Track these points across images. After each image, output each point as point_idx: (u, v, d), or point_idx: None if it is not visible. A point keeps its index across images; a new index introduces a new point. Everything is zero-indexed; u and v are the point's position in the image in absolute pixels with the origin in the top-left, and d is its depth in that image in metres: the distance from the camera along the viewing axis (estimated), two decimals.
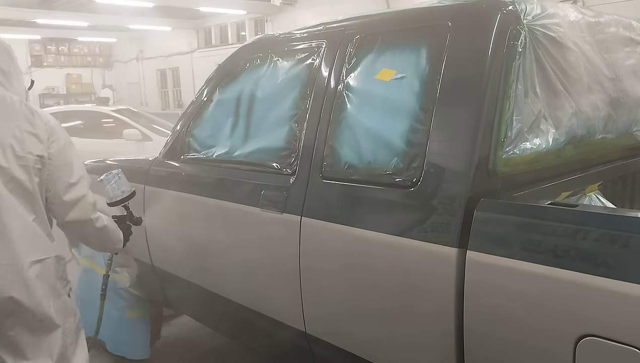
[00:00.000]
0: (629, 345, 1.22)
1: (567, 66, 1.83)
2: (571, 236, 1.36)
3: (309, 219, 1.97)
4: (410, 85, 1.80)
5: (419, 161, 1.69)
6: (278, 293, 2.16)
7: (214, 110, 2.63)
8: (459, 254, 1.53)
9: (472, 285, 1.51)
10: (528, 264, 1.39)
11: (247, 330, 2.48)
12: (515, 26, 1.67)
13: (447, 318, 1.57)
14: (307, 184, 2.01)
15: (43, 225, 1.83)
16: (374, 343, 1.85)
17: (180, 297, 2.88)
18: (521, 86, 1.68)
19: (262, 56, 2.44)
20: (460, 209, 1.55)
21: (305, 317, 2.03)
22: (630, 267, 1.23)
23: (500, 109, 1.62)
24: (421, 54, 1.79)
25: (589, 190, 1.90)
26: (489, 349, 1.52)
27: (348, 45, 2.03)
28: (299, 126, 2.11)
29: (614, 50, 2.13)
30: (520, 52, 1.67)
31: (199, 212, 2.49)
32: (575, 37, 1.89)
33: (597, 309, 1.28)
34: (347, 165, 1.90)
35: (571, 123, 1.85)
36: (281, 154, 2.16)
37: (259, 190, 2.17)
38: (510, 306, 1.45)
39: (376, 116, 1.88)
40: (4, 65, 1.88)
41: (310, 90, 2.11)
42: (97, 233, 2.03)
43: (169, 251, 2.69)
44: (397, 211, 1.74)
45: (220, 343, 3.40)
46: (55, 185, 1.85)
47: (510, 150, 1.65)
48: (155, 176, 2.80)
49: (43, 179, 1.81)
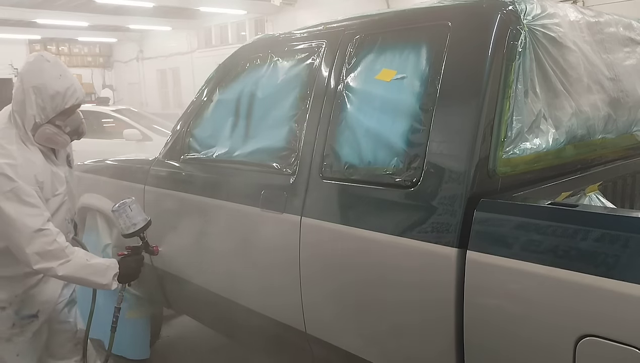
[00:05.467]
0: (629, 345, 1.22)
1: (567, 66, 1.83)
2: (571, 236, 1.36)
3: (309, 219, 1.97)
4: (410, 85, 1.80)
5: (419, 161, 1.69)
6: (278, 294, 2.16)
7: (214, 110, 2.63)
8: (459, 254, 1.53)
9: (472, 285, 1.51)
10: (528, 264, 1.39)
11: (246, 330, 2.48)
12: (515, 26, 1.67)
13: (447, 318, 1.57)
14: (307, 184, 2.01)
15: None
16: (374, 343, 1.85)
17: (180, 297, 2.88)
18: (521, 86, 1.68)
19: (262, 56, 2.44)
20: (460, 209, 1.55)
21: (305, 317, 2.03)
22: (630, 267, 1.23)
23: (500, 109, 1.62)
24: (421, 54, 1.79)
25: (589, 190, 1.90)
26: (489, 349, 1.52)
27: (348, 45, 2.03)
28: (299, 126, 2.11)
29: (614, 50, 2.13)
30: (520, 52, 1.67)
31: (199, 212, 2.49)
32: (575, 37, 1.89)
33: (597, 309, 1.28)
34: (347, 165, 1.90)
35: (571, 123, 1.85)
36: (281, 154, 2.16)
37: (259, 190, 2.17)
38: (510, 306, 1.45)
39: (376, 116, 1.88)
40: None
41: (310, 90, 2.11)
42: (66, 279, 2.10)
43: (169, 251, 2.69)
44: (397, 211, 1.74)
45: (221, 343, 3.39)
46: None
47: (510, 150, 1.65)
48: (155, 176, 2.80)
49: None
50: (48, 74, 2.02)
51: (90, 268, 2.07)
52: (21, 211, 1.91)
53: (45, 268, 1.96)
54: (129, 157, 3.57)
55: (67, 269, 1.98)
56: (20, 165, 1.96)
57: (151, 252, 2.36)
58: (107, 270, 2.11)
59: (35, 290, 2.20)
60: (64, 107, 2.06)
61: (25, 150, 2.02)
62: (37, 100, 2.01)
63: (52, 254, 1.95)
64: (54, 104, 2.03)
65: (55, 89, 2.01)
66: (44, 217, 1.97)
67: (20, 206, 1.92)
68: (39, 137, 2.06)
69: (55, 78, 2.02)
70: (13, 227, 1.92)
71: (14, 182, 1.92)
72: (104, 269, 2.11)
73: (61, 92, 2.03)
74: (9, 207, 1.91)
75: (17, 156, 1.97)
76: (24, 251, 1.93)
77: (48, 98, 2.01)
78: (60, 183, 2.16)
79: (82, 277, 2.06)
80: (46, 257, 1.95)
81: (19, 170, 1.94)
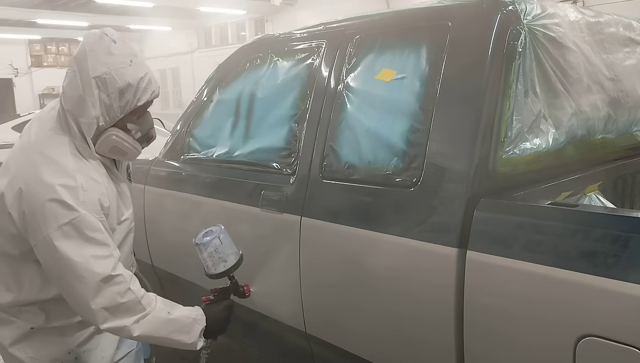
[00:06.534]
0: (629, 345, 1.22)
1: (567, 66, 1.83)
2: (571, 236, 1.36)
3: (308, 219, 1.97)
4: (410, 85, 1.80)
5: (419, 161, 1.69)
6: (278, 294, 2.16)
7: (214, 110, 2.63)
8: (459, 254, 1.53)
9: (472, 285, 1.51)
10: (528, 264, 1.39)
11: (247, 330, 2.48)
12: (515, 26, 1.67)
13: (447, 318, 1.57)
14: (307, 184, 2.01)
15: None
16: (374, 343, 1.85)
17: (180, 297, 2.87)
18: (521, 86, 1.68)
19: (262, 56, 2.44)
20: (460, 209, 1.55)
21: (305, 317, 2.03)
22: (630, 267, 1.23)
23: (500, 109, 1.62)
24: (421, 54, 1.79)
25: (589, 190, 1.90)
26: (489, 349, 1.52)
27: (348, 45, 2.03)
28: (299, 126, 2.11)
29: (614, 50, 2.13)
30: (520, 52, 1.67)
31: (199, 212, 2.49)
32: (575, 37, 1.89)
33: (597, 309, 1.28)
34: (347, 165, 1.90)
35: (571, 123, 1.85)
36: (281, 154, 2.16)
37: (259, 190, 2.17)
38: (510, 306, 1.45)
39: (376, 116, 1.88)
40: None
41: (310, 90, 2.11)
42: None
43: (169, 251, 2.69)
44: (397, 211, 1.74)
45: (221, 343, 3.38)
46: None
47: (510, 150, 1.65)
48: (155, 176, 2.80)
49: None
50: (116, 59, 1.50)
51: (174, 324, 1.56)
52: (84, 252, 1.43)
53: (117, 327, 1.47)
54: None
55: (144, 328, 1.49)
56: (80, 187, 1.47)
57: (241, 295, 1.87)
58: (193, 324, 1.62)
59: (92, 343, 1.71)
60: (136, 105, 1.55)
61: (84, 165, 1.53)
62: (102, 96, 1.49)
63: (125, 308, 1.47)
64: (124, 101, 1.52)
65: (125, 79, 1.50)
66: (114, 259, 1.48)
67: (83, 245, 1.43)
68: (102, 146, 1.57)
69: (125, 65, 1.51)
70: (73, 274, 1.43)
71: (74, 211, 1.43)
72: (189, 324, 1.61)
73: (133, 84, 1.52)
74: (68, 246, 1.42)
75: (76, 174, 1.48)
76: (88, 306, 1.44)
77: (116, 93, 1.50)
78: (126, 205, 1.70)
79: (163, 336, 1.55)
80: (118, 313, 1.46)
81: (79, 194, 1.45)
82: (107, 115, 1.53)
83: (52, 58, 19.63)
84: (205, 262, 1.78)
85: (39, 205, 1.43)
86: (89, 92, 1.49)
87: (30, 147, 1.54)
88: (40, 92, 18.59)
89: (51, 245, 1.43)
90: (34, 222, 1.44)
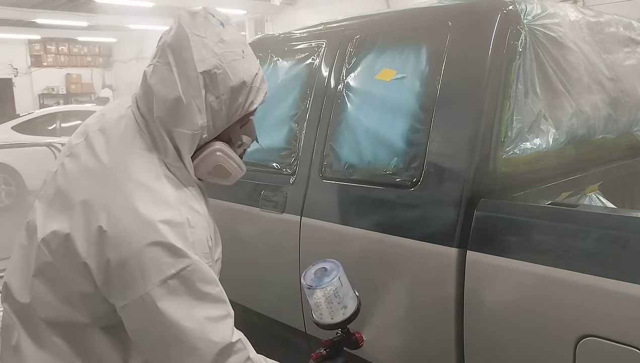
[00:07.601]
0: (629, 345, 1.22)
1: (567, 66, 1.83)
2: (571, 236, 1.35)
3: (308, 219, 1.97)
4: (410, 86, 1.79)
5: (419, 161, 1.69)
6: (278, 294, 2.15)
7: None
8: (459, 254, 1.53)
9: (472, 285, 1.51)
10: (528, 264, 1.39)
11: (246, 330, 2.48)
12: (515, 26, 1.67)
13: (447, 318, 1.57)
14: (307, 184, 2.01)
15: None
16: (373, 343, 1.84)
17: None
18: (521, 86, 1.68)
19: (262, 56, 2.43)
20: (460, 209, 1.55)
21: (305, 317, 2.03)
22: (630, 267, 1.23)
23: (500, 109, 1.62)
24: (421, 54, 1.79)
25: (589, 190, 1.89)
26: (489, 349, 1.52)
27: (348, 45, 2.03)
28: (299, 126, 2.11)
29: (614, 50, 2.13)
30: (520, 52, 1.67)
31: None
32: (575, 37, 1.89)
33: (597, 309, 1.28)
34: (347, 165, 1.90)
35: (571, 123, 1.85)
36: (281, 154, 2.16)
37: (259, 190, 2.17)
38: (511, 306, 1.45)
39: (376, 116, 1.87)
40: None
41: (310, 90, 2.11)
42: None
43: None
44: (397, 211, 1.74)
45: None
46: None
47: (510, 150, 1.65)
48: None
49: None
50: (228, 48, 1.15)
51: None
52: (197, 314, 1.07)
53: None
54: None
55: None
56: (187, 224, 1.09)
57: (355, 345, 1.52)
58: None
59: None
60: (247, 110, 1.21)
61: (185, 193, 1.15)
62: (209, 98, 1.13)
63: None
64: (236, 105, 1.17)
65: (239, 76, 1.15)
66: (232, 320, 1.15)
67: (196, 304, 1.07)
68: (202, 166, 1.20)
69: (238, 56, 1.16)
70: (182, 345, 1.05)
71: (185, 258, 1.06)
72: None
73: (248, 83, 1.17)
74: (176, 307, 1.05)
75: (180, 206, 1.10)
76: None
77: (228, 94, 1.15)
78: (217, 241, 1.30)
79: None
80: None
81: (188, 234, 1.08)
82: (214, 124, 1.16)
83: (51, 58, 19.61)
84: (318, 308, 1.41)
85: (135, 252, 1.03)
86: (195, 93, 1.11)
87: (105, 170, 1.12)
88: (40, 92, 18.57)
89: (152, 306, 1.03)
90: (126, 274, 1.04)
